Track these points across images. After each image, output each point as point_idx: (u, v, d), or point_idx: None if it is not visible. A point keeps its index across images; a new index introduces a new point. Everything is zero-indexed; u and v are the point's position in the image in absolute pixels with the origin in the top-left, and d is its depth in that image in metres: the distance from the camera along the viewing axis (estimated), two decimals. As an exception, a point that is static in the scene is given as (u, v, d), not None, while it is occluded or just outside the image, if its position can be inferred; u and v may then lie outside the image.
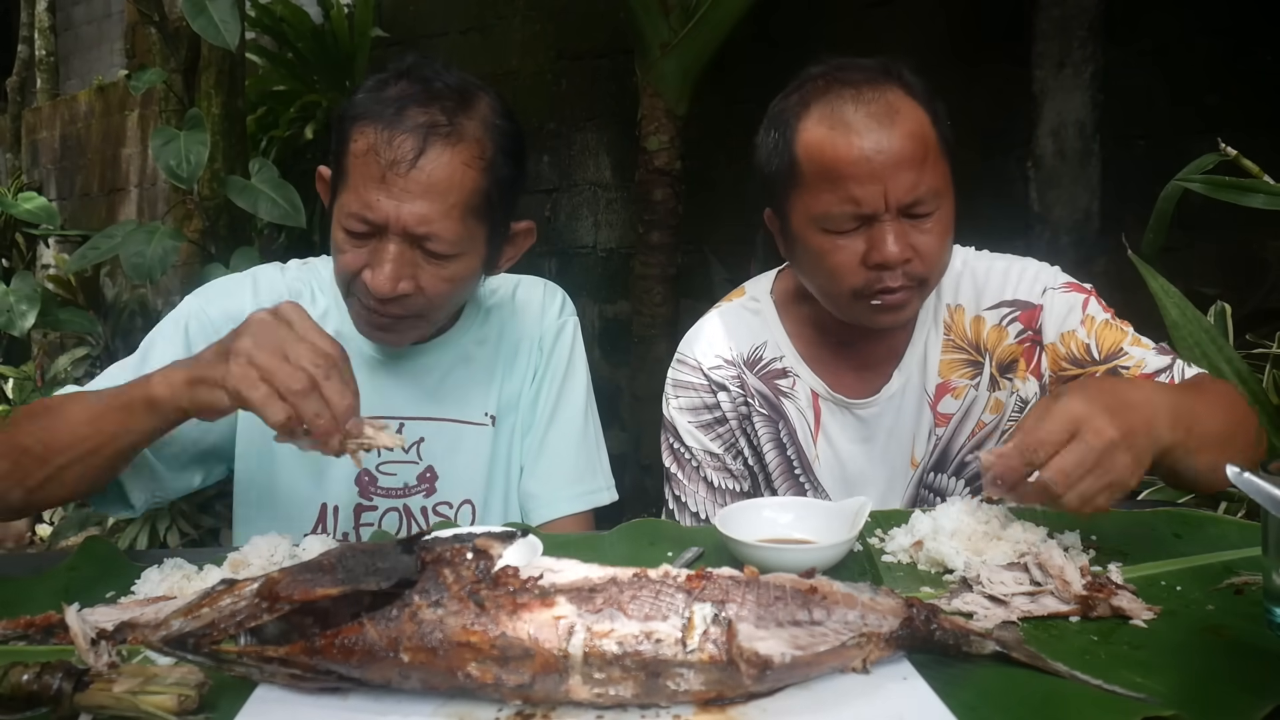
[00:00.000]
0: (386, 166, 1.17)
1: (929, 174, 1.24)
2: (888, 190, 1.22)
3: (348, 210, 1.21)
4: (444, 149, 1.19)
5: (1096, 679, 0.74)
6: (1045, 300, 1.37)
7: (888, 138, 1.22)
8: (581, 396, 1.46)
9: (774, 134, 1.31)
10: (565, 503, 1.42)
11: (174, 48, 3.23)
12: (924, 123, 1.25)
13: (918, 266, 1.26)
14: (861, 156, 1.22)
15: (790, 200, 1.30)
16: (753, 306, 1.50)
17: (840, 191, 1.23)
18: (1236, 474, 0.79)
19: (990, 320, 1.39)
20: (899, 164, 1.21)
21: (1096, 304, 1.36)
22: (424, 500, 1.38)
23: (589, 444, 1.46)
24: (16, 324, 3.00)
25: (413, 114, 1.19)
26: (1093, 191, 2.79)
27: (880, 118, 1.23)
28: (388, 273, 1.20)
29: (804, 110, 1.27)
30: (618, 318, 4.09)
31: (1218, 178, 1.81)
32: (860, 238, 1.25)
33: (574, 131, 4.28)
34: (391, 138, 1.18)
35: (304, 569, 0.75)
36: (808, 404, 1.44)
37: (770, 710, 0.71)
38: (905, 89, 1.27)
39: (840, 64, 1.31)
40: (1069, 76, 2.79)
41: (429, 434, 1.38)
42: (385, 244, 1.20)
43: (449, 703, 0.73)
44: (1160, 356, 1.31)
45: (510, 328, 1.44)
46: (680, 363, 1.48)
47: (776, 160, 1.30)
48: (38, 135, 8.39)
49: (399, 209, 1.18)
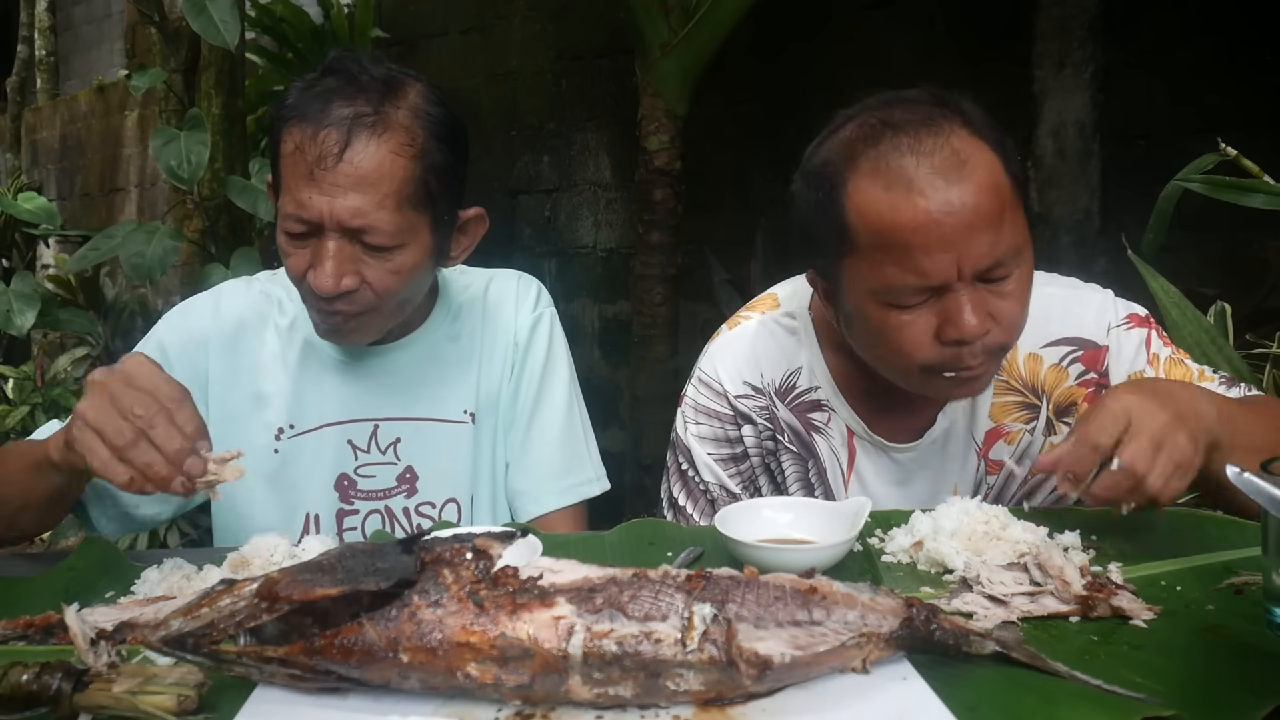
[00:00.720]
0: (314, 162, 1.16)
1: (1007, 230, 1.07)
2: (961, 258, 1.05)
3: (284, 212, 1.20)
4: (370, 139, 1.17)
5: (1096, 679, 0.74)
6: (1111, 341, 1.25)
7: (959, 195, 1.04)
8: (564, 388, 1.43)
9: (814, 193, 1.14)
10: (553, 497, 1.41)
11: (174, 48, 3.23)
12: (996, 168, 1.08)
13: (998, 336, 1.10)
14: (929, 221, 1.04)
15: (842, 269, 1.14)
16: (789, 325, 1.33)
17: (905, 263, 1.06)
18: (1236, 474, 0.79)
19: (1048, 359, 1.26)
20: (973, 225, 1.05)
21: (1158, 338, 1.26)
22: (405, 501, 1.38)
23: (575, 435, 1.44)
24: (16, 324, 3.00)
25: (337, 108, 1.17)
26: (1093, 191, 2.79)
27: (947, 171, 1.05)
28: (329, 270, 1.18)
29: (851, 165, 1.10)
30: (618, 318, 4.09)
31: (1218, 178, 1.81)
32: (930, 310, 1.09)
33: (574, 131, 4.28)
34: (316, 133, 1.16)
35: (303, 569, 0.75)
36: (842, 443, 1.30)
37: (770, 710, 0.71)
38: (969, 128, 1.09)
39: (886, 101, 1.13)
40: (1069, 76, 2.79)
41: (405, 434, 1.37)
42: (324, 242, 1.19)
43: (449, 703, 0.73)
44: (1229, 389, 1.22)
45: (485, 323, 1.42)
46: (702, 384, 1.34)
47: (822, 223, 1.13)
48: (38, 135, 8.40)
49: (331, 204, 1.16)
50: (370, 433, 1.36)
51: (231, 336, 1.36)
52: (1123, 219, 2.57)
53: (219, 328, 1.37)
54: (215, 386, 1.35)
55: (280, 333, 1.37)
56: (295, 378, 1.36)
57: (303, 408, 1.36)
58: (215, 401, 1.35)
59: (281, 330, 1.37)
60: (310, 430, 1.35)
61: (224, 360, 1.36)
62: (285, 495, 1.35)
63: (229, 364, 1.36)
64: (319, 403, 1.36)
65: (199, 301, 1.41)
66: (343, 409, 1.36)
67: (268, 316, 1.38)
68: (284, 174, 1.20)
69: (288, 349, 1.37)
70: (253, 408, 1.36)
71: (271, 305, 1.39)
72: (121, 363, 1.04)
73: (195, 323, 1.37)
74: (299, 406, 1.35)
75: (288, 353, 1.37)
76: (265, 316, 1.38)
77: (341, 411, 1.36)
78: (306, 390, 1.36)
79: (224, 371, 1.36)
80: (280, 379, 1.36)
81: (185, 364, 1.34)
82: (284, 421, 1.35)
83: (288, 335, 1.37)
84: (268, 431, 1.35)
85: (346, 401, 1.36)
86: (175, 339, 1.36)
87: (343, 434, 1.36)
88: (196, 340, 1.36)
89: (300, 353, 1.36)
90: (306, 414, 1.36)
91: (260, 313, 1.38)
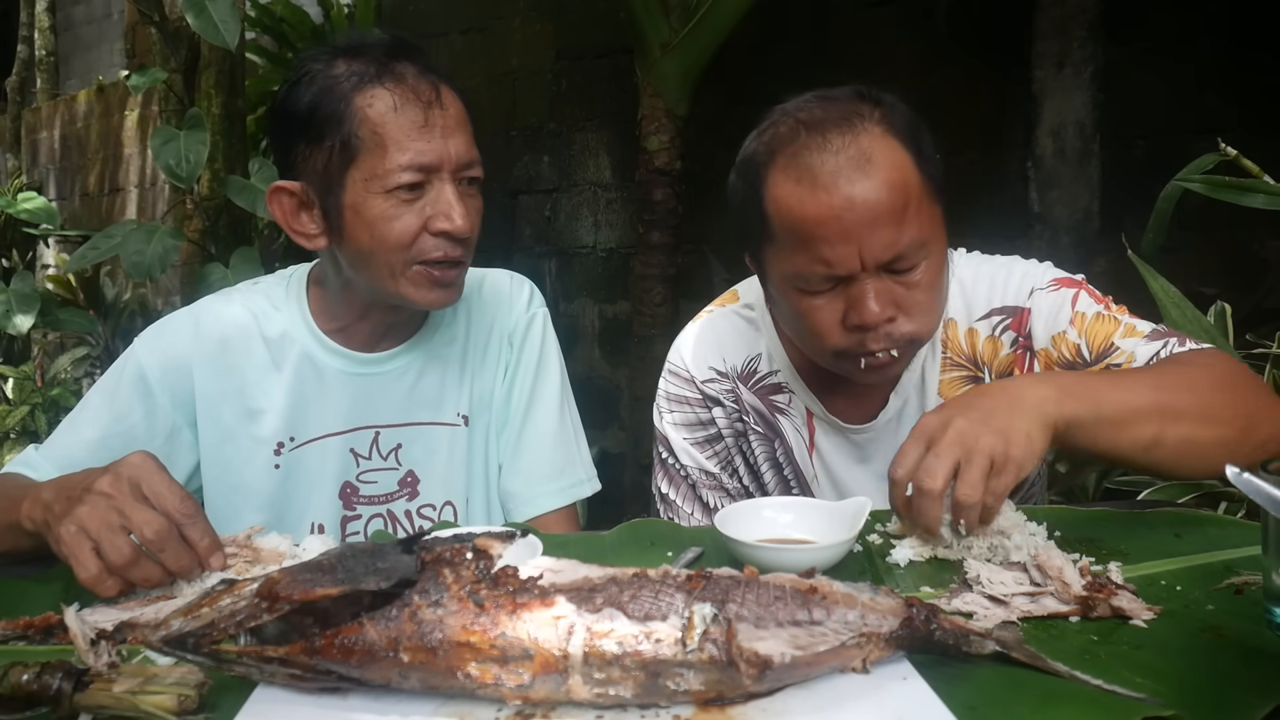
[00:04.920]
0: (424, 109, 1.20)
1: (911, 224, 1.13)
2: (863, 249, 1.12)
3: (397, 167, 1.19)
4: (443, 84, 1.24)
5: (1096, 679, 0.74)
6: (1032, 302, 1.28)
7: (861, 190, 1.10)
8: (556, 389, 1.43)
9: (741, 182, 1.22)
10: (546, 499, 1.40)
11: (174, 48, 3.23)
12: (904, 166, 1.13)
13: (903, 325, 1.16)
14: (831, 215, 1.11)
15: (764, 255, 1.23)
16: (748, 315, 1.40)
17: (812, 252, 1.14)
18: (1236, 474, 0.79)
19: (983, 331, 1.30)
20: (875, 219, 1.11)
21: (1088, 297, 1.27)
22: (407, 504, 1.37)
23: (566, 436, 1.43)
24: (16, 324, 3.01)
25: (401, 67, 1.22)
26: (1093, 191, 2.79)
27: (851, 168, 1.11)
28: (460, 210, 1.22)
29: (770, 160, 1.17)
30: (618, 318, 4.09)
31: (1218, 178, 1.81)
32: (839, 297, 1.16)
33: (574, 131, 4.28)
34: (415, 84, 1.21)
35: (304, 569, 0.75)
36: (802, 422, 1.37)
37: (770, 710, 0.71)
38: (884, 125, 1.15)
39: (809, 99, 1.19)
40: (1069, 76, 2.78)
41: (405, 439, 1.37)
42: (441, 187, 1.22)
43: (449, 703, 0.73)
44: (1151, 343, 1.22)
45: (478, 322, 1.41)
46: (672, 374, 1.40)
47: (748, 213, 1.21)
48: (38, 135, 8.40)
49: (446, 144, 1.21)
50: (371, 440, 1.36)
51: (216, 355, 1.32)
52: (1123, 219, 2.57)
53: (201, 348, 1.32)
54: (204, 407, 1.32)
55: (269, 345, 1.34)
56: (292, 391, 1.33)
57: (303, 420, 1.34)
58: (205, 423, 1.32)
59: (271, 342, 1.34)
60: (312, 441, 1.34)
61: (210, 380, 1.32)
62: (288, 508, 1.34)
63: (216, 384, 1.32)
64: (320, 414, 1.34)
65: (176, 322, 1.36)
66: (344, 419, 1.35)
67: (252, 330, 1.34)
68: (383, 134, 1.19)
69: (280, 362, 1.33)
70: (246, 425, 1.33)
71: (255, 318, 1.35)
72: (128, 469, 0.99)
73: (174, 345, 1.33)
74: (299, 419, 1.33)
75: (281, 366, 1.33)
76: (249, 330, 1.34)
77: (343, 421, 1.34)
78: (306, 403, 1.33)
79: (211, 391, 1.32)
80: (274, 394, 1.33)
81: (168, 390, 1.31)
82: (284, 435, 1.33)
83: (279, 347, 1.34)
84: (266, 447, 1.33)
85: (347, 411, 1.35)
86: (155, 363, 1.31)
87: (345, 443, 1.35)
88: (178, 364, 1.32)
89: (296, 366, 1.33)
90: (307, 426, 1.34)
91: (243, 327, 1.34)
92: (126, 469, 0.99)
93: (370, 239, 1.21)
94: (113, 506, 0.96)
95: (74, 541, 0.95)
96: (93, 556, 0.94)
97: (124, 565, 0.94)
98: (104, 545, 0.94)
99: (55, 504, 1.00)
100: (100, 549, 0.94)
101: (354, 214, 1.21)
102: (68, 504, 0.98)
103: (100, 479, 0.98)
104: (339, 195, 1.21)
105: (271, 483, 1.33)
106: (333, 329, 1.34)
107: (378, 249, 1.22)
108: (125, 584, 0.96)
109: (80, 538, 0.95)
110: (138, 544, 0.95)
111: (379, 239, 1.21)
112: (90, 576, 0.94)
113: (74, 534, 0.95)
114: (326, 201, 1.23)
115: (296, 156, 1.23)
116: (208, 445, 1.33)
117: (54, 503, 1.00)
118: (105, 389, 1.33)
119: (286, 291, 1.37)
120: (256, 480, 1.33)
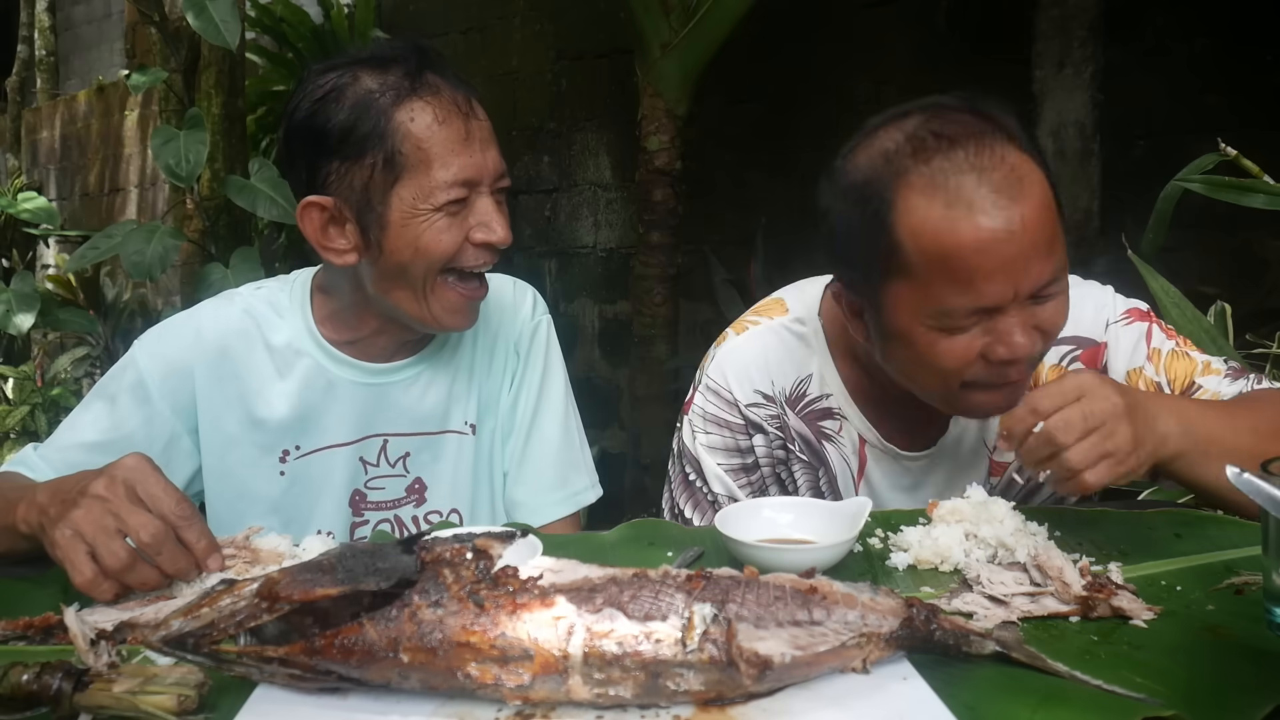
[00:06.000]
0: (464, 124, 1.21)
1: (1059, 249, 1.04)
2: (1019, 280, 1.01)
3: (444, 181, 1.19)
4: (471, 95, 1.24)
5: (1096, 679, 0.74)
6: (1109, 337, 1.24)
7: (1020, 215, 1.00)
8: (560, 397, 1.43)
9: (859, 209, 1.08)
10: (551, 508, 1.40)
11: (174, 48, 3.23)
12: (1046, 185, 1.04)
13: (1041, 347, 1.08)
14: (993, 242, 1.00)
15: (887, 289, 1.08)
16: (798, 330, 1.30)
17: (963, 285, 1.02)
18: (1236, 474, 0.79)
19: (1049, 360, 1.24)
20: (1034, 246, 1.01)
21: (1159, 331, 1.24)
22: (414, 510, 1.38)
23: (571, 444, 1.43)
24: (16, 324, 3.01)
25: (431, 79, 1.21)
26: (1093, 191, 2.79)
27: (1007, 191, 1.00)
28: (501, 222, 1.23)
29: (902, 181, 1.04)
30: (618, 318, 4.09)
31: (1218, 178, 1.81)
32: (979, 329, 1.06)
33: (574, 131, 4.28)
34: (452, 99, 1.21)
35: (304, 569, 0.75)
36: (853, 451, 1.28)
37: (770, 710, 0.71)
38: (1015, 142, 1.04)
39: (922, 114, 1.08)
40: (1069, 76, 2.79)
41: (414, 448, 1.37)
42: (481, 200, 1.23)
43: (449, 703, 0.73)
44: (1233, 383, 1.19)
45: (484, 331, 1.41)
46: (711, 392, 1.29)
47: (866, 242, 1.07)
48: (38, 135, 8.40)
49: (485, 157, 1.22)
50: (380, 448, 1.35)
51: (217, 361, 1.31)
52: (1123, 219, 2.57)
53: (203, 353, 1.31)
54: (206, 413, 1.31)
55: (273, 352, 1.32)
56: (299, 401, 1.31)
57: (309, 430, 1.33)
58: (207, 428, 1.31)
59: (275, 350, 1.32)
60: (319, 450, 1.33)
61: (212, 386, 1.31)
62: (295, 514, 1.33)
63: (218, 390, 1.31)
64: (328, 424, 1.33)
65: (177, 326, 1.34)
66: (353, 429, 1.34)
67: (254, 336, 1.33)
68: (428, 149, 1.19)
69: (285, 370, 1.32)
70: (249, 431, 1.32)
71: (258, 323, 1.33)
72: (123, 472, 0.98)
73: (175, 350, 1.31)
74: (305, 428, 1.32)
75: (285, 374, 1.32)
76: (251, 336, 1.32)
77: (352, 431, 1.34)
78: (313, 413, 1.32)
79: (213, 397, 1.31)
80: (278, 402, 1.31)
81: (168, 396, 1.30)
82: (289, 444, 1.32)
83: (283, 356, 1.32)
84: (271, 454, 1.32)
85: (357, 421, 1.34)
86: (156, 369, 1.29)
87: (354, 452, 1.34)
88: (179, 369, 1.30)
89: (304, 376, 1.32)
90: (314, 436, 1.33)
91: (245, 333, 1.32)
92: (121, 471, 0.98)
93: (414, 253, 1.21)
94: (108, 510, 0.95)
95: (69, 546, 0.94)
96: (88, 561, 0.93)
97: (120, 569, 0.93)
98: (99, 549, 0.93)
99: (50, 507, 0.99)
100: (96, 553, 0.94)
101: (399, 229, 1.20)
102: (63, 507, 0.97)
103: (95, 482, 0.97)
104: (382, 211, 1.20)
105: (276, 489, 1.33)
106: (342, 340, 1.33)
107: (418, 262, 1.21)
108: (121, 588, 0.95)
109: (75, 542, 0.94)
110: (134, 548, 0.95)
111: (423, 252, 1.21)
112: (86, 581, 0.93)
113: (69, 538, 0.94)
114: (365, 218, 1.21)
115: (328, 174, 1.21)
116: (210, 452, 1.32)
117: (49, 506, 0.99)
118: (105, 393, 1.31)
119: (290, 298, 1.36)
120: (261, 487, 1.32)
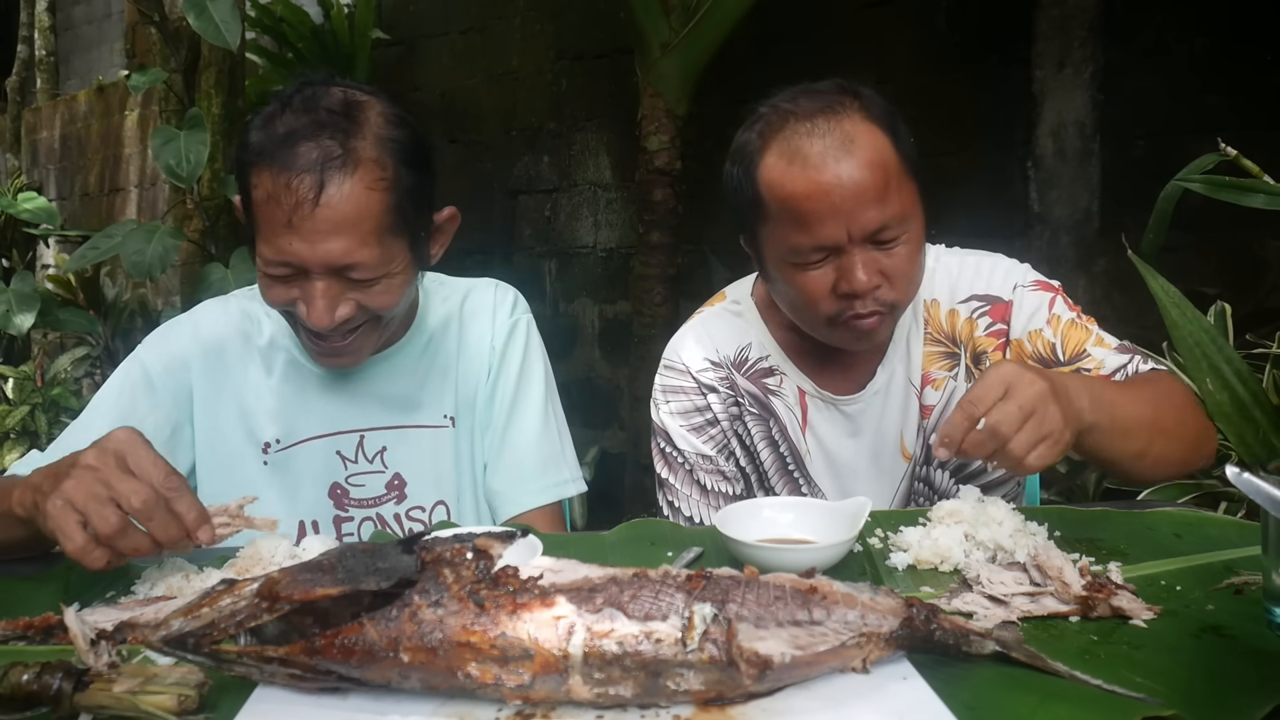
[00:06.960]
0: (291, 210, 1.14)
1: (892, 200, 1.24)
2: (850, 223, 1.22)
3: (265, 257, 1.19)
4: (342, 179, 1.16)
5: (1096, 679, 0.74)
6: (1015, 297, 1.40)
7: (846, 169, 1.21)
8: (539, 390, 1.45)
9: (737, 169, 1.32)
10: (530, 497, 1.41)
11: (174, 48, 3.23)
12: (883, 147, 1.25)
13: (887, 293, 1.27)
14: (820, 191, 1.22)
15: (759, 234, 1.32)
16: (734, 309, 1.51)
17: (803, 227, 1.24)
18: (1236, 474, 0.79)
19: (963, 313, 1.42)
20: (860, 195, 1.21)
21: (1063, 302, 1.39)
22: (396, 507, 1.40)
23: (551, 437, 1.45)
24: (16, 324, 3.01)
25: (304, 150, 1.15)
26: (1093, 191, 2.79)
27: (837, 149, 1.22)
28: (321, 308, 1.19)
29: (763, 145, 1.28)
30: (618, 318, 4.09)
31: (1218, 178, 1.81)
32: (829, 268, 1.27)
33: (574, 131, 4.28)
34: (289, 180, 1.14)
35: (304, 569, 0.75)
36: (795, 400, 1.45)
37: (770, 710, 0.71)
38: (863, 112, 1.26)
39: (796, 92, 1.31)
40: (1069, 76, 2.79)
41: (390, 442, 1.39)
42: (311, 281, 1.19)
43: (449, 703, 0.73)
44: (1119, 355, 1.35)
45: (463, 333, 1.44)
46: (668, 368, 1.49)
47: (742, 195, 1.31)
48: (38, 135, 8.40)
49: (314, 250, 1.16)
50: (357, 443, 1.39)
51: (213, 355, 1.38)
52: (1123, 219, 2.57)
53: (200, 347, 1.38)
54: (200, 403, 1.37)
55: (261, 351, 1.39)
56: (279, 394, 1.38)
57: (288, 422, 1.37)
58: (201, 418, 1.37)
59: (261, 349, 1.39)
60: (297, 443, 1.37)
61: (207, 378, 1.37)
62: (278, 506, 1.36)
63: (212, 382, 1.37)
64: (304, 417, 1.38)
65: (178, 323, 1.42)
66: (328, 422, 1.38)
67: (250, 335, 1.40)
68: (259, 219, 1.19)
69: (270, 366, 1.39)
70: (238, 424, 1.37)
71: (251, 324, 1.40)
72: (113, 443, 0.99)
73: (176, 344, 1.38)
74: (285, 421, 1.37)
75: (270, 370, 1.39)
76: (247, 335, 1.40)
77: (327, 424, 1.38)
78: (291, 406, 1.38)
79: (208, 389, 1.37)
80: (264, 396, 1.38)
81: (169, 384, 1.36)
82: (271, 436, 1.37)
83: (267, 353, 1.39)
84: (255, 446, 1.37)
85: (331, 415, 1.38)
86: (158, 360, 1.37)
87: (330, 445, 1.38)
88: (179, 360, 1.37)
89: (282, 370, 1.38)
90: (292, 428, 1.37)
91: (242, 331, 1.40)
92: (111, 444, 0.99)
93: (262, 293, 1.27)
94: (98, 479, 0.96)
95: (60, 515, 0.94)
96: (79, 528, 0.94)
97: (111, 535, 0.94)
98: (91, 516, 0.94)
99: (44, 484, 1.00)
100: (87, 520, 0.94)
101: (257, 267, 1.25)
102: (55, 481, 0.98)
103: (85, 454, 0.99)
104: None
105: (260, 480, 1.36)
106: None
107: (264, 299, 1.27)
108: (114, 555, 0.96)
109: (67, 510, 0.95)
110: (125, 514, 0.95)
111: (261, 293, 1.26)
112: (77, 548, 0.94)
113: (60, 507, 0.95)
114: None
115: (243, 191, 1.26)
116: (202, 444, 1.37)
117: (42, 483, 1.01)
118: (111, 390, 1.37)
119: None
120: (247, 479, 1.35)
